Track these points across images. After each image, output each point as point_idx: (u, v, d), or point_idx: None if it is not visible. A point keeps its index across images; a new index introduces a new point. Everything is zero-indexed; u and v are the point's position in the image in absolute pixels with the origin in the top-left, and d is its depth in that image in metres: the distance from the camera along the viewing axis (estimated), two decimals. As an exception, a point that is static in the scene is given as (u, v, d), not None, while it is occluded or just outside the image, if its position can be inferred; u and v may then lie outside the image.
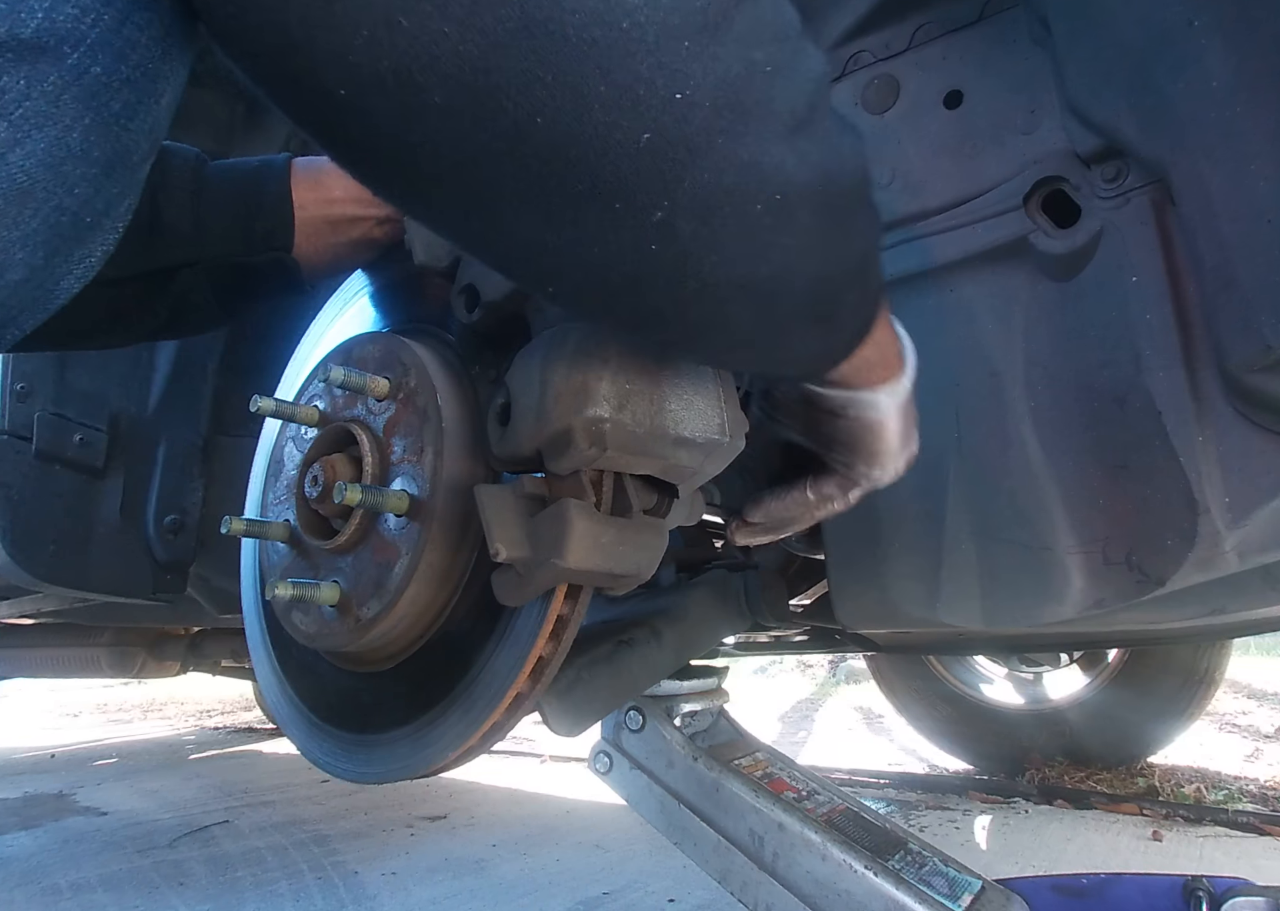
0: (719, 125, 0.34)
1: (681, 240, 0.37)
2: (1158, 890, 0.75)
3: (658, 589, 1.01)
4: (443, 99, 0.30)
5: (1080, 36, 0.74)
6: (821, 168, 0.40)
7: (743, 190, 0.36)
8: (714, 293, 0.40)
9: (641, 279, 0.39)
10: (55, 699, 6.13)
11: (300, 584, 0.64)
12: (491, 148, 0.32)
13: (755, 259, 0.39)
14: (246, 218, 0.75)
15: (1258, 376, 0.65)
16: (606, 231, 0.36)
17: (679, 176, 0.34)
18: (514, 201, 0.35)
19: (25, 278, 0.34)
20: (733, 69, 0.34)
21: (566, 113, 0.31)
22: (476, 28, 0.29)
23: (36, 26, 0.29)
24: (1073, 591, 0.76)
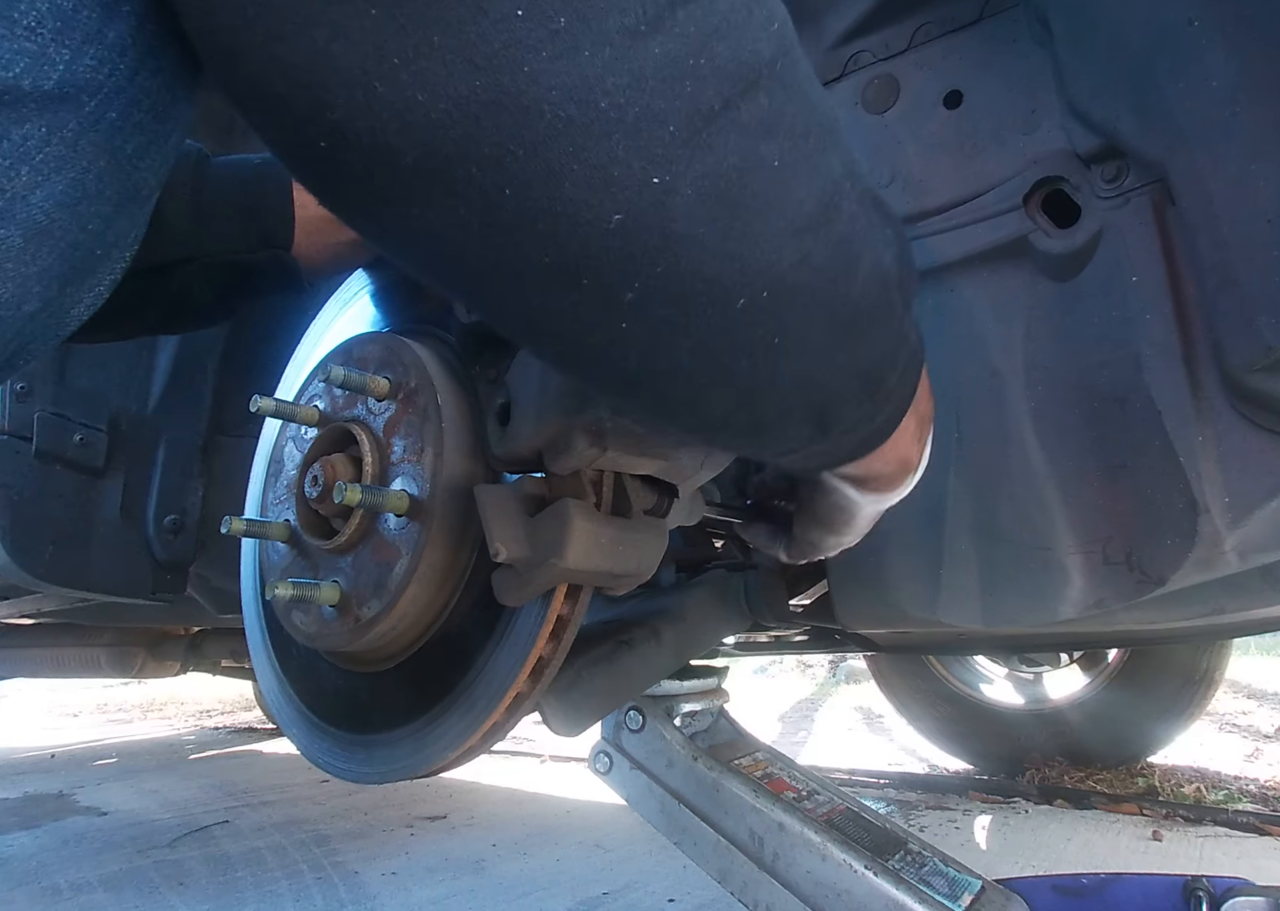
0: (702, 215, 0.33)
1: (654, 323, 0.35)
2: (1158, 890, 0.75)
3: (658, 589, 1.01)
4: (413, 162, 0.30)
5: (1080, 36, 0.74)
6: (825, 272, 0.37)
7: (724, 283, 0.35)
8: (689, 379, 0.38)
9: (612, 358, 0.37)
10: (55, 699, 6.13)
11: (300, 584, 0.64)
12: (458, 213, 0.32)
13: (735, 353, 0.38)
14: (247, 215, 0.75)
15: (1258, 376, 0.65)
16: (576, 306, 0.35)
17: (652, 261, 0.33)
18: (481, 266, 0.34)
19: (40, 308, 0.35)
20: (727, 161, 0.33)
21: (536, 188, 0.31)
22: (449, 98, 0.29)
23: (58, 78, 0.30)
24: (1073, 591, 0.76)
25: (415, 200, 0.32)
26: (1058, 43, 0.76)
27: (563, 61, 0.29)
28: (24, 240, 0.32)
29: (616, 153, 0.31)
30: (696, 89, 0.31)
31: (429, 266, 0.37)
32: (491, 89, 0.29)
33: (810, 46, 0.92)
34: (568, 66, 0.29)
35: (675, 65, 0.31)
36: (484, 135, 0.30)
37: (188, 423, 1.38)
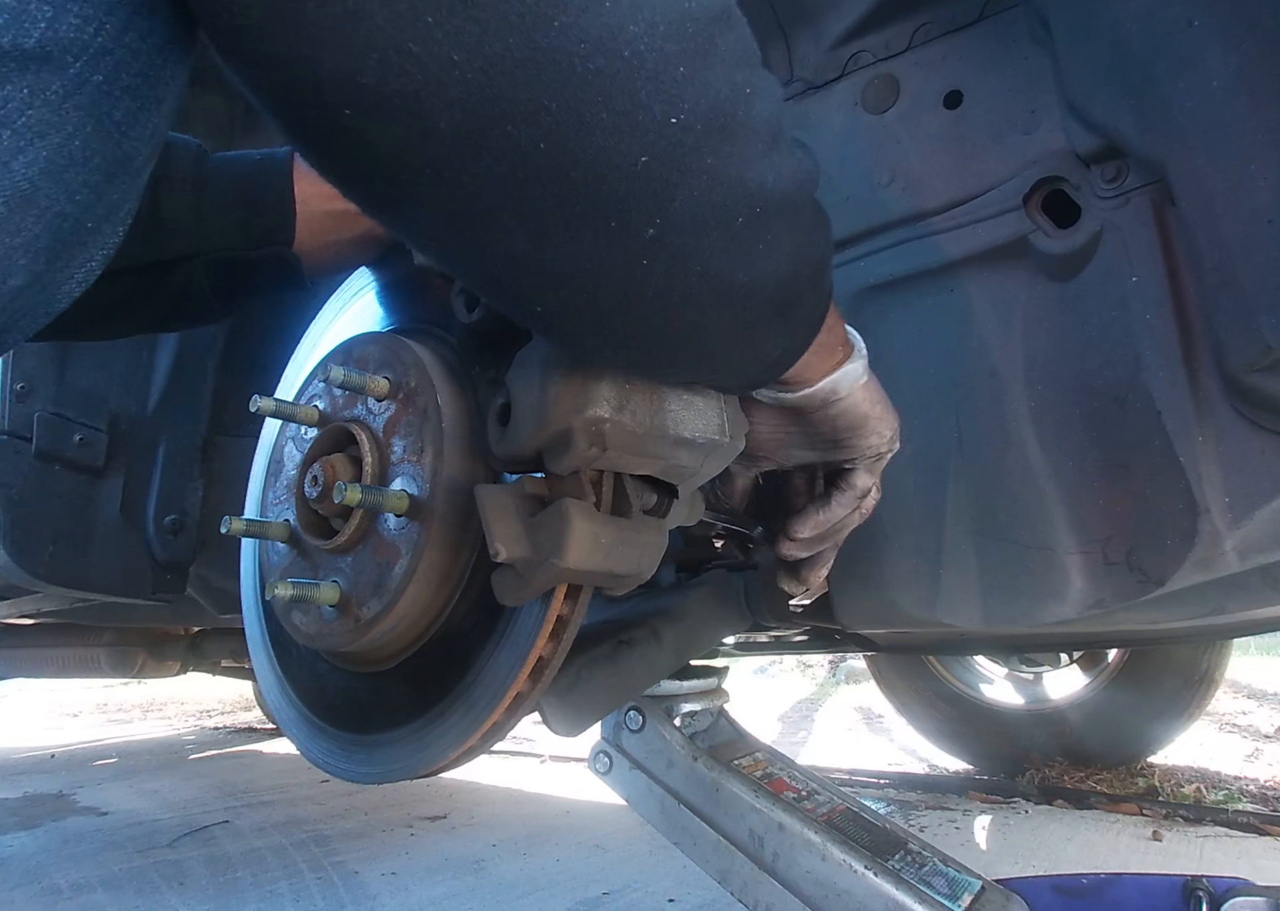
0: (710, 146, 0.36)
1: (671, 254, 0.38)
2: (1158, 890, 0.75)
3: (658, 589, 1.01)
4: (448, 124, 0.31)
5: (1080, 36, 0.74)
6: (793, 180, 0.42)
7: (729, 205, 0.38)
8: (696, 302, 0.42)
9: (630, 294, 0.40)
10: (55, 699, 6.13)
11: (300, 584, 0.64)
12: (493, 171, 0.33)
13: (734, 267, 0.42)
14: (248, 211, 0.74)
15: (1258, 376, 0.65)
16: (600, 249, 0.37)
17: (671, 195, 0.36)
18: (510, 222, 0.36)
19: (27, 283, 0.34)
20: (721, 91, 0.36)
21: (569, 138, 0.32)
22: (485, 56, 0.29)
23: (40, 36, 0.29)
24: (1073, 591, 0.76)
25: (448, 164, 0.32)
26: (1058, 43, 0.76)
27: (590, 14, 0.30)
28: (6, 208, 0.31)
29: (640, 98, 0.33)
30: (695, 29, 0.34)
31: (450, 238, 0.37)
32: (526, 46, 0.30)
33: (810, 46, 0.92)
34: (594, 19, 0.30)
35: (675, 9, 0.33)
36: (519, 92, 0.31)
37: (188, 423, 1.38)
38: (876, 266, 0.87)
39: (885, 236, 0.86)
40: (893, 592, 0.86)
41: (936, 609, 0.84)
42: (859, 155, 0.88)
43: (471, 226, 0.36)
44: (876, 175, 0.87)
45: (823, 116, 0.91)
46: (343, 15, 0.28)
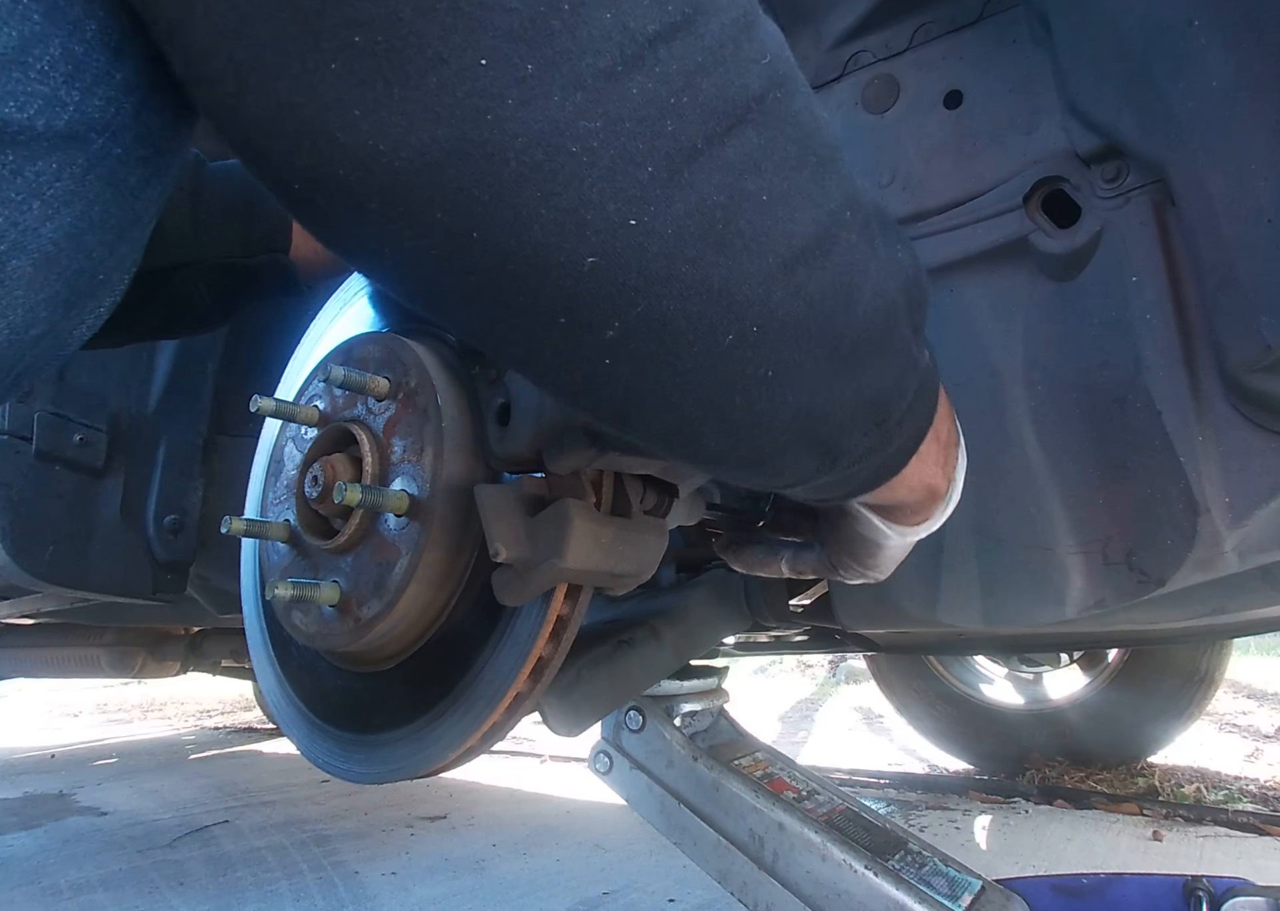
0: (684, 254, 0.32)
1: (639, 360, 0.34)
2: (1158, 890, 0.75)
3: (658, 589, 1.01)
4: (378, 207, 0.31)
5: (1080, 36, 0.74)
6: (821, 305, 0.36)
7: (710, 320, 0.33)
8: (679, 412, 0.37)
9: (597, 386, 0.36)
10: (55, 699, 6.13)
11: (300, 584, 0.64)
12: (430, 254, 0.32)
13: (726, 388, 0.36)
14: (245, 219, 0.75)
15: (1258, 376, 0.65)
16: (555, 341, 0.34)
17: (631, 301, 0.32)
18: (458, 300, 0.34)
19: (45, 332, 0.37)
20: (710, 197, 0.31)
21: (504, 232, 0.30)
22: (410, 146, 0.29)
23: (69, 118, 0.32)
24: (1073, 591, 0.76)
25: (386, 240, 0.32)
26: (1058, 42, 0.76)
27: (530, 108, 0.28)
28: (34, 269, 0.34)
29: (589, 196, 0.30)
30: (678, 128, 0.30)
31: (410, 298, 0.37)
32: (454, 138, 0.29)
33: (810, 46, 0.92)
34: (535, 113, 0.28)
35: (654, 105, 0.30)
36: (448, 181, 0.29)
37: (188, 423, 1.39)
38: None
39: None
40: (893, 592, 0.86)
41: (936, 609, 0.84)
42: (859, 155, 0.88)
43: (419, 296, 0.36)
44: (876, 175, 0.87)
45: (823, 116, 0.91)
46: (276, 107, 0.29)
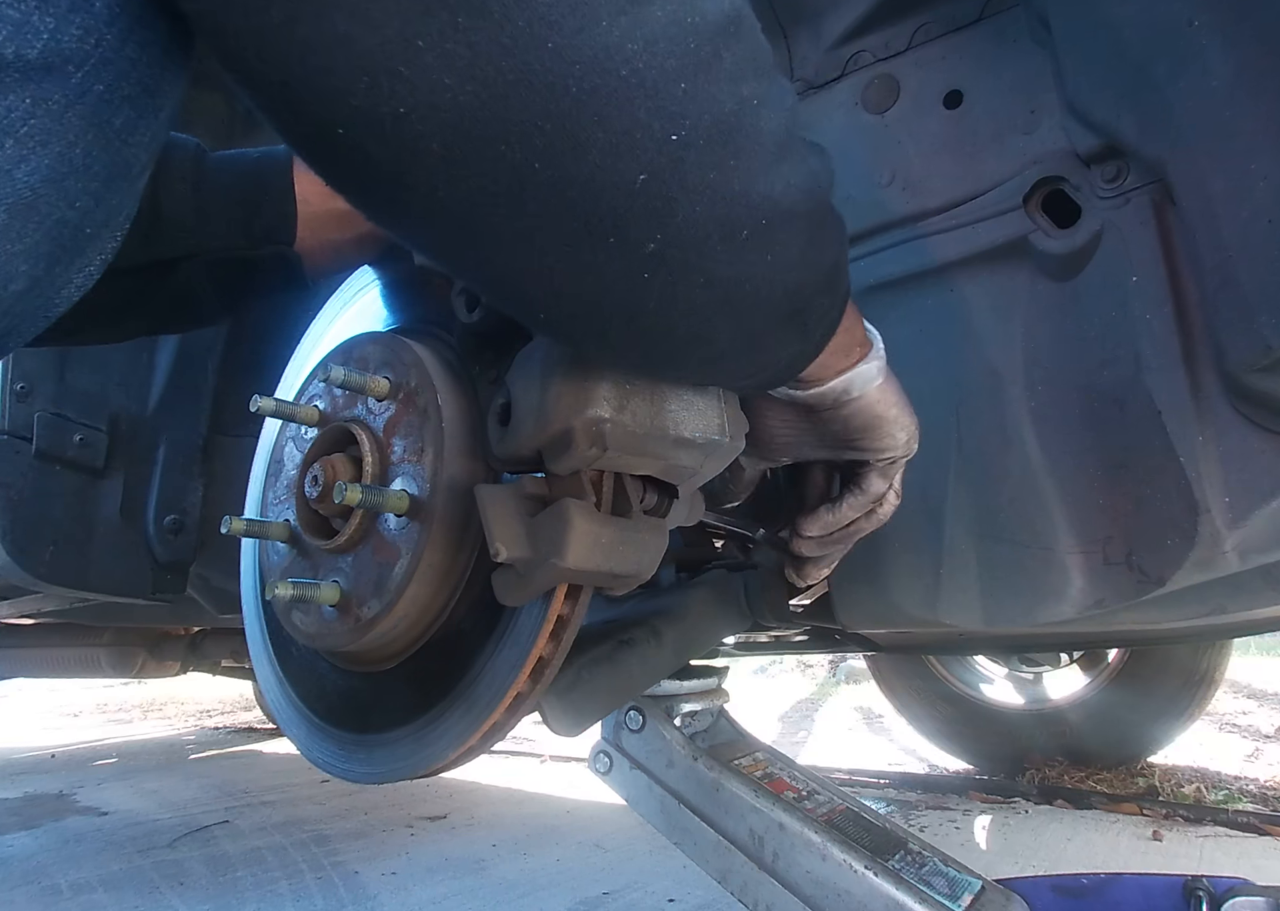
0: (712, 161, 0.35)
1: (672, 268, 0.38)
2: (1158, 890, 0.75)
3: (658, 589, 1.01)
4: (440, 145, 0.31)
5: (1080, 36, 0.74)
6: (802, 190, 0.41)
7: (732, 219, 0.38)
8: (700, 312, 0.41)
9: (632, 306, 0.40)
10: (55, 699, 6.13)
11: (300, 584, 0.64)
12: (488, 190, 0.33)
13: (740, 278, 0.41)
14: (248, 210, 0.74)
15: (1258, 376, 0.65)
16: (600, 264, 0.37)
17: (672, 212, 0.35)
18: (509, 238, 0.35)
19: (27, 288, 0.34)
20: (725, 106, 0.35)
21: (564, 158, 0.32)
22: (476, 79, 0.29)
23: (42, 47, 0.29)
24: (1073, 591, 0.76)
25: (442, 182, 0.32)
26: (1058, 43, 0.76)
27: (585, 34, 0.29)
28: (8, 216, 0.31)
29: (639, 116, 0.32)
30: (697, 44, 0.33)
31: (449, 248, 0.38)
32: (519, 68, 0.29)
33: (810, 46, 0.92)
34: (589, 39, 0.30)
35: (677, 24, 0.32)
36: (512, 114, 0.30)
37: (188, 423, 1.38)
38: (877, 266, 0.87)
39: (885, 236, 0.86)
40: (893, 592, 0.86)
41: (936, 609, 0.84)
42: (859, 155, 0.88)
43: (469, 240, 0.36)
44: (876, 175, 0.87)
45: (823, 116, 0.91)
46: (333, 39, 0.28)
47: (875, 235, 0.87)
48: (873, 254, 0.87)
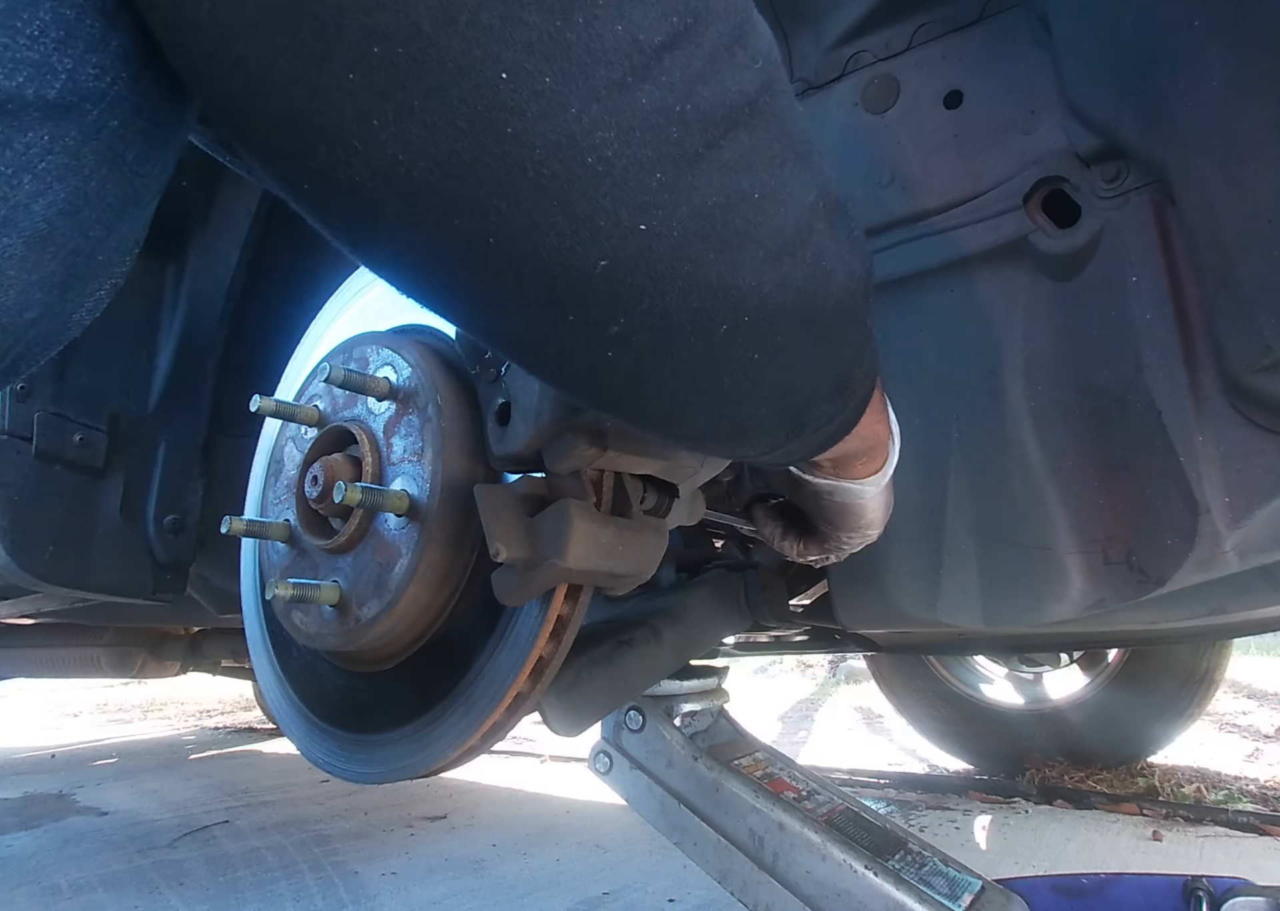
0: (687, 254, 0.34)
1: (639, 352, 0.37)
2: (1158, 890, 0.75)
3: (658, 589, 1.01)
4: (394, 212, 0.31)
5: (1080, 36, 0.74)
6: (804, 291, 0.38)
7: (707, 312, 0.36)
8: (672, 396, 0.40)
9: (598, 375, 0.39)
10: (55, 699, 6.13)
11: (300, 584, 0.64)
12: (444, 257, 0.33)
13: (717, 372, 0.39)
14: None
15: (1258, 376, 0.65)
16: (561, 337, 0.36)
17: (638, 299, 0.34)
18: (467, 296, 0.35)
19: (41, 315, 0.35)
20: (710, 199, 0.33)
21: (520, 238, 0.31)
22: (430, 157, 0.29)
23: (61, 86, 0.30)
24: (1073, 591, 0.76)
25: (398, 243, 0.33)
26: (1058, 43, 0.76)
27: (549, 120, 0.29)
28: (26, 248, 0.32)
29: (602, 204, 0.31)
30: (682, 134, 0.31)
31: (417, 295, 0.38)
32: (474, 150, 0.29)
33: (810, 46, 0.92)
34: (554, 125, 0.29)
35: (661, 113, 0.31)
36: (466, 191, 0.30)
37: (188, 422, 1.38)
38: (877, 266, 0.87)
39: (885, 236, 0.86)
40: (893, 592, 0.86)
41: (936, 609, 0.84)
42: (859, 155, 0.88)
43: (430, 294, 0.36)
44: (876, 175, 0.87)
45: (823, 116, 0.91)
46: (291, 112, 0.28)
47: (875, 235, 0.87)
48: (873, 254, 0.87)
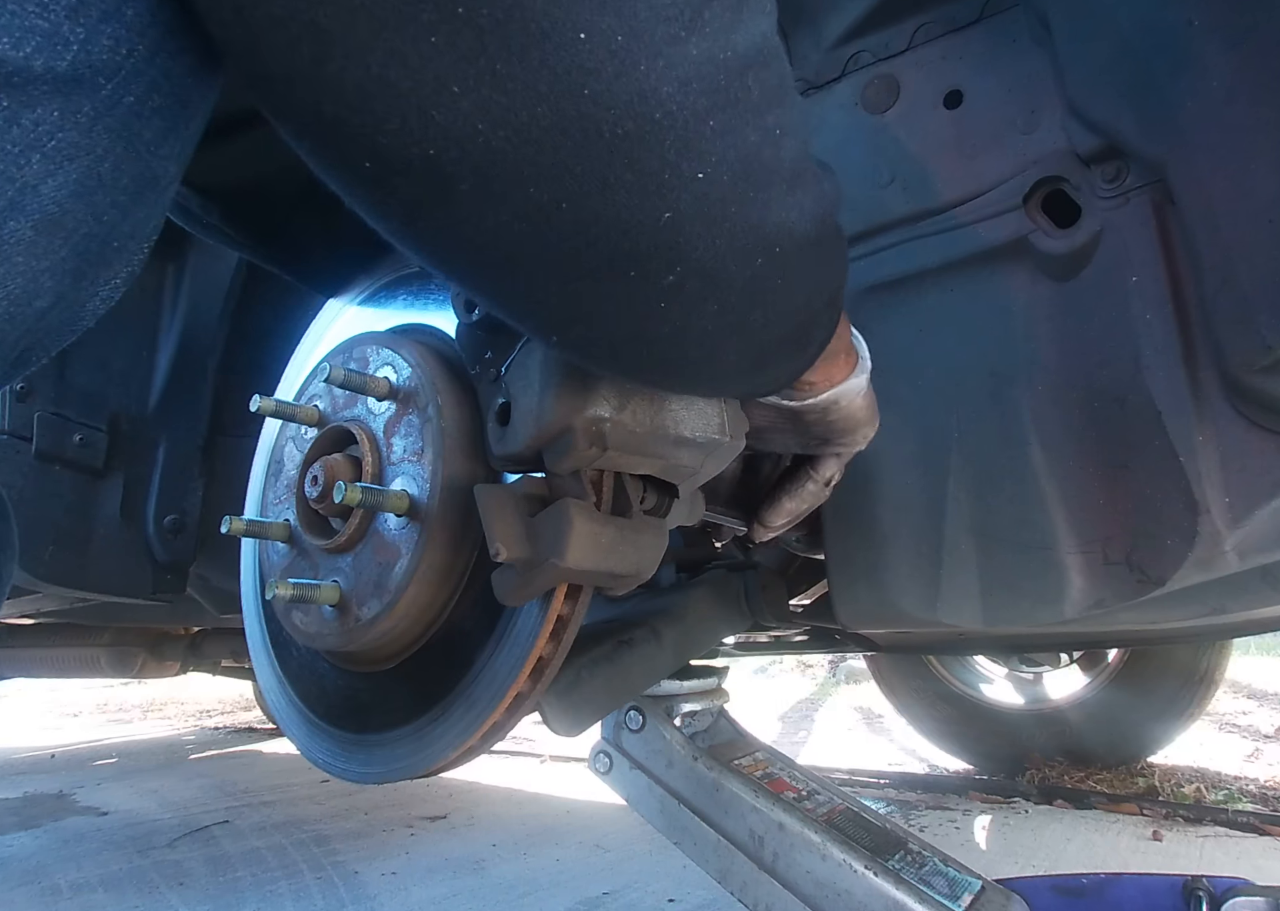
0: (734, 195, 0.35)
1: (688, 298, 0.38)
2: (1158, 890, 0.75)
3: (658, 589, 1.01)
4: (469, 186, 0.31)
5: (1080, 36, 0.74)
6: (813, 216, 0.41)
7: (749, 249, 0.38)
8: (713, 336, 0.42)
9: (646, 332, 0.40)
10: (55, 699, 6.13)
11: (300, 584, 0.64)
12: (512, 227, 0.33)
13: (752, 303, 0.41)
14: None
15: (1258, 376, 0.65)
16: (618, 294, 0.37)
17: (693, 246, 0.36)
18: (528, 268, 0.36)
19: (52, 304, 0.33)
20: (749, 138, 0.35)
21: (592, 198, 0.32)
22: (510, 125, 0.29)
23: (72, 58, 0.28)
24: (1073, 591, 0.76)
25: (465, 218, 0.32)
26: (1058, 42, 0.76)
27: (622, 80, 0.29)
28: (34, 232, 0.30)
29: (668, 157, 0.32)
30: (727, 80, 0.33)
31: (471, 276, 0.38)
32: (553, 113, 0.29)
33: (810, 46, 0.92)
34: (626, 84, 0.30)
35: (710, 62, 0.32)
36: (544, 157, 0.30)
37: (188, 423, 1.38)
38: (876, 266, 0.87)
39: (885, 236, 0.86)
40: (893, 592, 0.86)
41: (936, 609, 0.84)
42: (859, 155, 0.88)
43: (488, 268, 0.36)
44: (876, 175, 0.87)
45: (823, 116, 0.91)
46: (366, 80, 0.27)
47: (875, 235, 0.87)
48: (873, 254, 0.87)
